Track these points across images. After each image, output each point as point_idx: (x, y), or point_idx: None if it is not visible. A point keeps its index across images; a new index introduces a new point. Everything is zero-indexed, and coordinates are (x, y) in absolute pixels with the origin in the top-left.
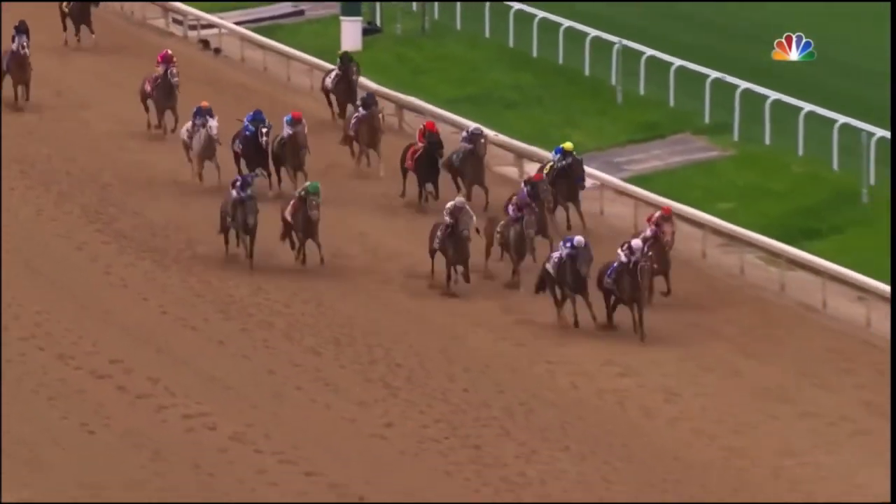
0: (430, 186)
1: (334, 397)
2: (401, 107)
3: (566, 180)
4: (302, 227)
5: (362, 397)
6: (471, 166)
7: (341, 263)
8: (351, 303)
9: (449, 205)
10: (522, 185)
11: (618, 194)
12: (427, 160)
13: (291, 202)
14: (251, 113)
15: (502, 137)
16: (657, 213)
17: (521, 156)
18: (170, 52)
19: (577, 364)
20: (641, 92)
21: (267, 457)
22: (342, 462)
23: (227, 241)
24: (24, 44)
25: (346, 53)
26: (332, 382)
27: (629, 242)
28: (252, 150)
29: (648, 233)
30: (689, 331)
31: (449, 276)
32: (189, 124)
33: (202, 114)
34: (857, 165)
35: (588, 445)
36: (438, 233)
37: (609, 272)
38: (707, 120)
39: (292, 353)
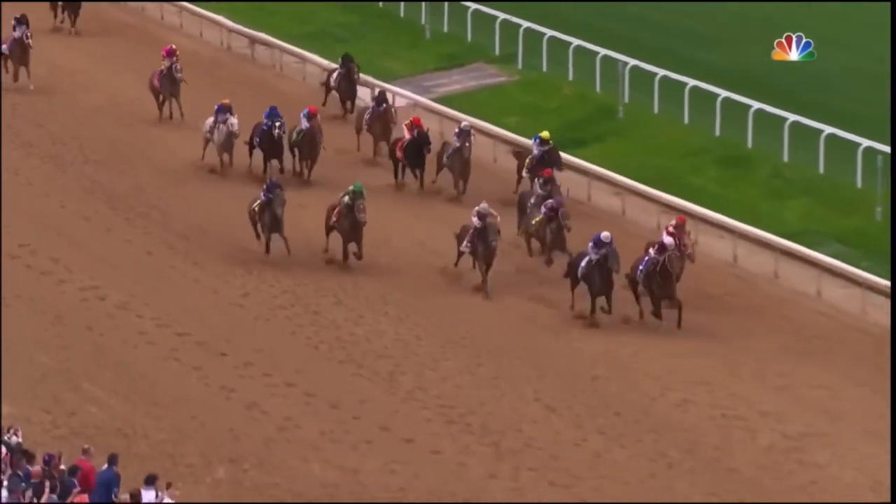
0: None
1: (201, 273)
2: (253, 41)
3: (545, 166)
4: (349, 231)
5: (224, 273)
6: (458, 164)
7: None
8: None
9: (476, 209)
10: (534, 183)
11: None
12: (413, 150)
13: (336, 208)
14: (268, 110)
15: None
16: (672, 222)
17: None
18: (174, 46)
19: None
20: (445, 30)
21: (146, 321)
22: (207, 325)
23: (258, 235)
24: (27, 34)
25: (347, 54)
26: (200, 262)
27: (661, 241)
28: (268, 143)
29: (666, 240)
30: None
31: (475, 265)
32: (211, 119)
33: (223, 111)
34: (615, 89)
35: (404, 311)
36: (469, 235)
37: (640, 268)
38: (497, 52)
39: (167, 238)
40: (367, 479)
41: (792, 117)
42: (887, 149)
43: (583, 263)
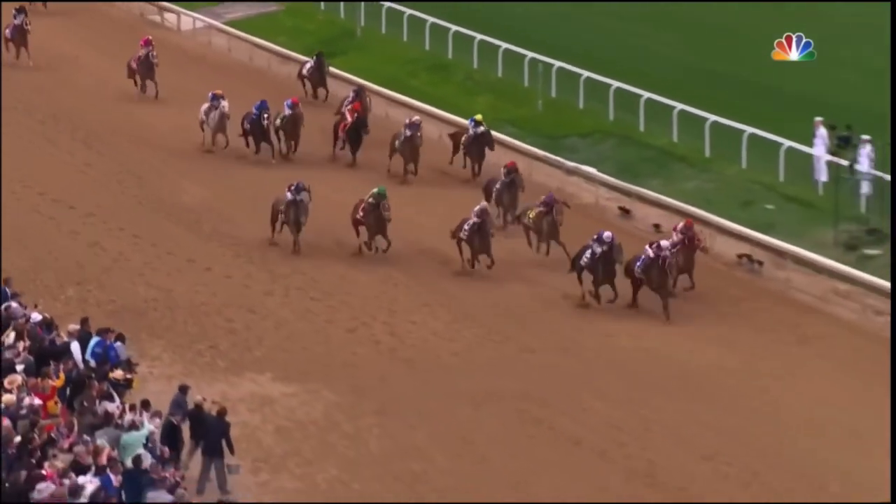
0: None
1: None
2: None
3: (478, 146)
4: (375, 225)
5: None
6: (409, 150)
7: None
8: None
9: (477, 207)
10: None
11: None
12: (354, 133)
13: (362, 206)
14: (258, 102)
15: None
16: (681, 224)
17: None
18: (150, 37)
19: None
20: None
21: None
22: (61, 187)
23: (273, 229)
24: (26, 21)
25: (320, 51)
26: (52, 139)
27: (658, 241)
28: (257, 130)
29: (676, 238)
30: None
31: (472, 263)
32: (206, 105)
33: (216, 98)
34: (355, 16)
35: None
36: (466, 227)
37: (638, 264)
38: None
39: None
40: (178, 296)
41: (479, 36)
42: (550, 60)
43: (586, 255)
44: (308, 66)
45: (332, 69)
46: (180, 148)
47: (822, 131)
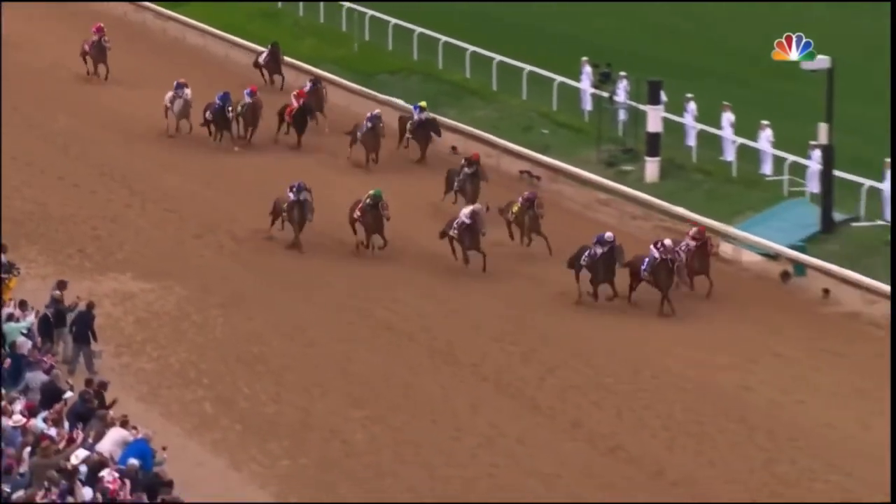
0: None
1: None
2: None
3: (425, 131)
4: (373, 224)
5: None
6: (371, 139)
7: None
8: None
9: (467, 209)
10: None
11: None
12: (300, 117)
13: (359, 206)
14: (221, 93)
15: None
16: (694, 229)
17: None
18: (102, 24)
19: None
20: None
21: None
22: None
23: (273, 224)
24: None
25: (275, 42)
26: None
27: (663, 242)
28: (220, 118)
29: (691, 243)
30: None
31: (466, 259)
32: (171, 94)
33: (180, 86)
34: None
35: None
36: (455, 225)
37: (644, 266)
38: None
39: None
40: (51, 209)
41: None
42: (364, 9)
43: (585, 255)
44: (264, 55)
45: (286, 58)
46: (56, 81)
47: (587, 69)
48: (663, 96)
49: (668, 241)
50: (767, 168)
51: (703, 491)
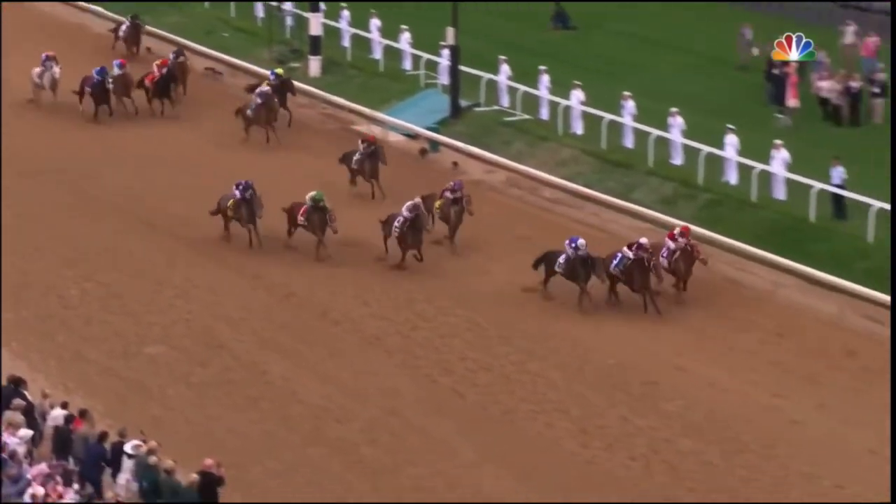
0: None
1: None
2: None
3: (280, 95)
4: (318, 226)
5: None
6: (265, 112)
7: None
8: None
9: (409, 203)
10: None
11: None
12: (162, 84)
13: (303, 207)
14: (98, 68)
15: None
16: (677, 230)
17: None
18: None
19: None
20: None
21: None
22: None
23: (227, 226)
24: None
25: (135, 14)
26: None
27: (638, 241)
28: (99, 91)
29: (672, 245)
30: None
31: (403, 258)
32: (39, 69)
33: (49, 60)
34: None
35: None
36: (396, 223)
37: (616, 263)
38: None
39: None
40: None
41: None
42: None
43: (561, 260)
44: (124, 26)
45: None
46: None
47: None
48: (322, 6)
49: (643, 240)
50: (408, 64)
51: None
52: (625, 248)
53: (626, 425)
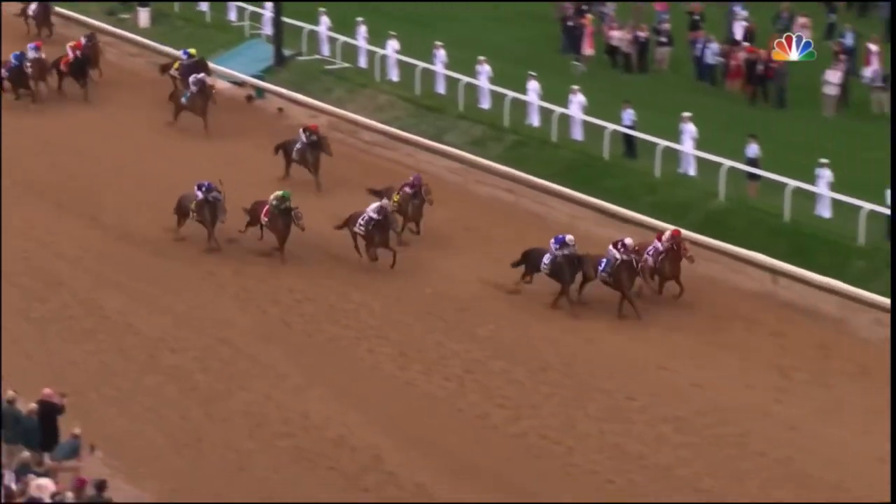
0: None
1: None
2: None
3: (194, 73)
4: (283, 230)
5: None
6: (200, 101)
7: None
8: None
9: (375, 205)
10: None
11: None
12: (77, 66)
13: (265, 210)
14: (17, 52)
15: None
16: (667, 233)
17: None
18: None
19: None
20: None
21: None
22: None
23: (180, 224)
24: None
25: None
26: None
27: (622, 240)
28: (17, 75)
29: (660, 246)
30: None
31: (374, 256)
32: None
33: None
34: None
35: None
36: (361, 221)
37: (602, 266)
38: None
39: None
40: None
41: None
42: None
43: (545, 260)
44: (33, 7)
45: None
46: None
47: None
48: None
49: (628, 241)
50: (233, 16)
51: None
52: (610, 248)
53: (441, 349)
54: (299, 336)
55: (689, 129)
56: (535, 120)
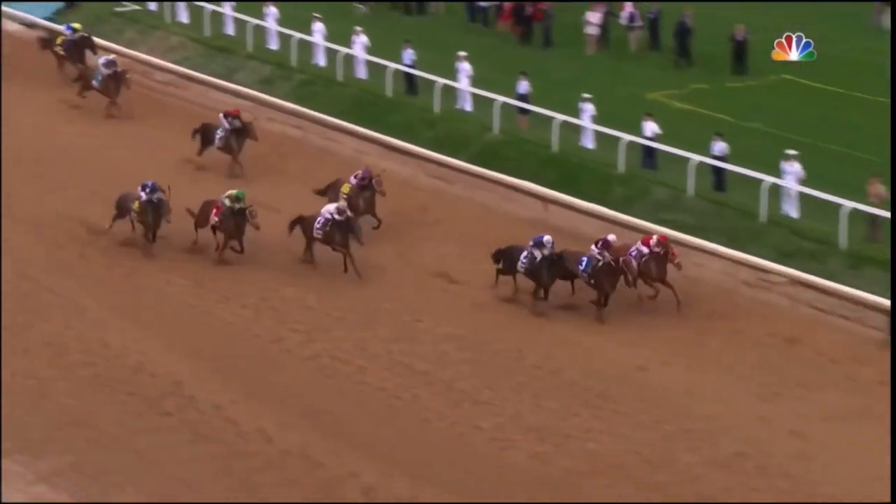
0: None
1: None
2: None
3: (79, 49)
4: (234, 231)
5: None
6: (113, 85)
7: None
8: None
9: (334, 206)
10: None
11: None
12: None
13: (216, 210)
14: None
15: None
16: (654, 237)
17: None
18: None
19: None
20: None
21: None
22: None
23: (113, 223)
24: None
25: None
26: None
27: (604, 239)
28: None
29: (645, 250)
30: None
31: (346, 262)
32: None
33: None
34: None
35: None
36: (318, 224)
37: (584, 267)
38: None
39: None
40: None
41: None
42: None
43: (523, 259)
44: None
45: None
46: None
47: None
48: None
49: (611, 237)
50: None
51: None
52: (592, 247)
53: (237, 279)
54: (98, 269)
55: (465, 68)
56: (321, 60)
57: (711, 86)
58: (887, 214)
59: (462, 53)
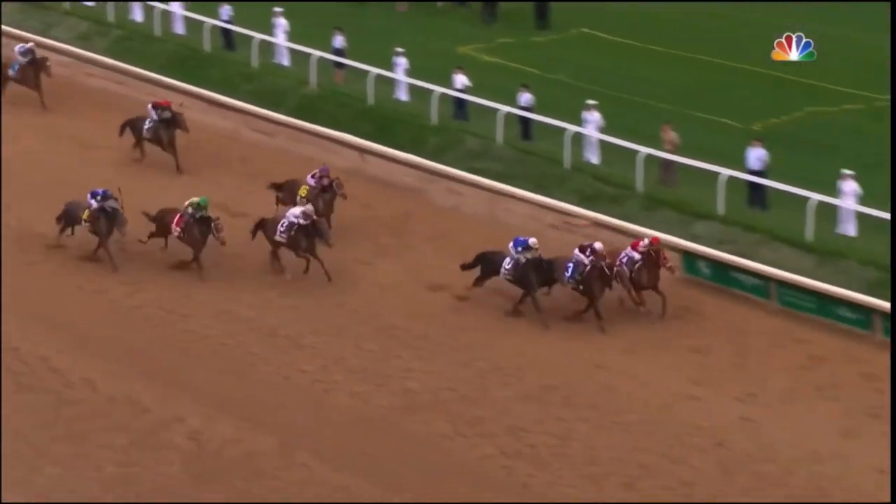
0: None
1: None
2: None
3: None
4: (199, 240)
5: None
6: (32, 73)
7: None
8: None
9: (299, 210)
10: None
11: None
12: None
13: (178, 219)
14: None
15: None
16: (646, 240)
17: None
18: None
19: None
20: None
21: None
22: None
23: (62, 231)
24: None
25: None
26: None
27: (591, 245)
28: None
29: (636, 256)
30: None
31: (307, 264)
32: None
33: None
34: None
35: None
36: (282, 228)
37: (570, 272)
38: None
39: None
40: None
41: None
42: None
43: (506, 265)
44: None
45: None
46: None
47: None
48: None
49: (597, 245)
50: None
51: None
52: (577, 252)
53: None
54: None
55: (282, 23)
56: (137, 16)
57: (517, 40)
58: (680, 159)
59: (278, 9)
